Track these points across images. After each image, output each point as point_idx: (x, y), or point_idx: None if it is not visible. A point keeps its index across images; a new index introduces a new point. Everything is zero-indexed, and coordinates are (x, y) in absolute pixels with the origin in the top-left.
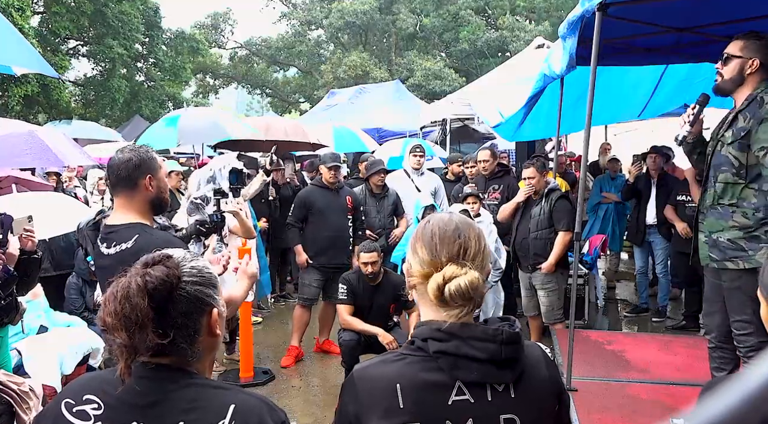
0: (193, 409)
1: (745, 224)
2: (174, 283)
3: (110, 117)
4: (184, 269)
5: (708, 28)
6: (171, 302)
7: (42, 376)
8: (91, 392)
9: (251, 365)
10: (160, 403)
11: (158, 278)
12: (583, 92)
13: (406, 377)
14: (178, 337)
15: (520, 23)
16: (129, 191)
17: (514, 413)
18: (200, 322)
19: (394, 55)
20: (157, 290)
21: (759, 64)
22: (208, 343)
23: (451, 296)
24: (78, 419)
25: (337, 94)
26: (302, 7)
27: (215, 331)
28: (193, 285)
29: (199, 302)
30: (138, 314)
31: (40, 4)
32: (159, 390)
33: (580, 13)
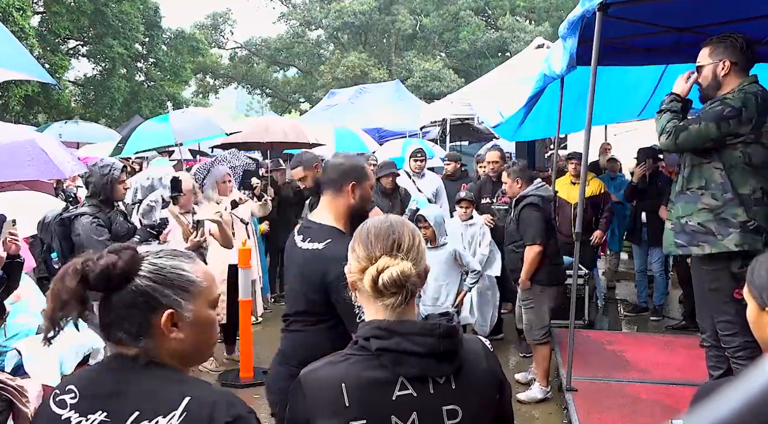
0: (149, 399)
1: (715, 205)
2: (113, 273)
3: (110, 117)
4: (143, 264)
5: (708, 28)
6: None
7: (42, 376)
8: (73, 383)
9: (251, 365)
10: (121, 393)
11: (99, 265)
12: (583, 92)
13: (351, 376)
14: (118, 327)
15: (520, 23)
16: (334, 194)
17: (456, 403)
18: (148, 318)
19: (394, 56)
20: (92, 275)
21: (730, 63)
22: (166, 343)
23: (384, 285)
24: (58, 407)
25: (337, 95)
26: (302, 8)
27: (167, 332)
28: (147, 281)
29: (149, 298)
30: (65, 293)
31: (40, 4)
32: (121, 381)
33: (581, 13)
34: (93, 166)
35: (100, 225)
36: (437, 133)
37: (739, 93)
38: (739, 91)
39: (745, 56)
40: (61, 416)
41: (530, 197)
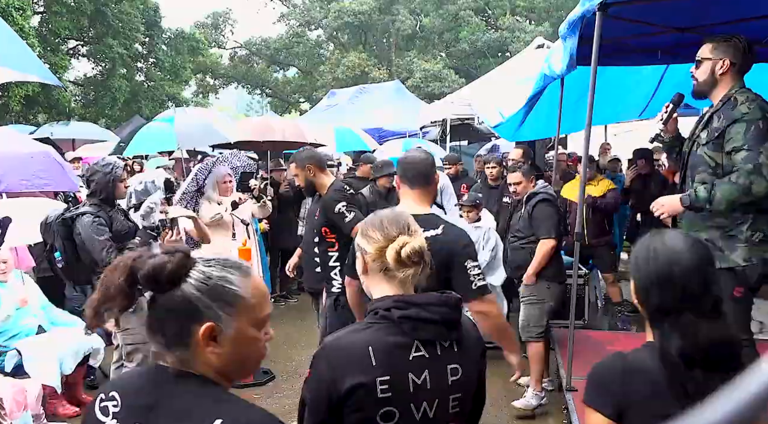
0: (182, 417)
1: (722, 223)
2: (161, 275)
3: (110, 117)
4: (193, 271)
5: (708, 28)
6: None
7: (42, 376)
8: (117, 389)
9: None
10: (157, 407)
11: (148, 264)
12: (583, 92)
13: (376, 340)
14: (157, 329)
15: (520, 23)
16: (425, 186)
17: (457, 363)
18: (189, 327)
19: (394, 56)
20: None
21: (729, 63)
22: (204, 355)
23: (408, 256)
24: (101, 414)
25: (338, 95)
26: (301, 8)
27: (204, 345)
28: (193, 288)
29: (191, 307)
30: (112, 287)
31: (40, 4)
32: (157, 392)
33: (581, 13)
34: (95, 165)
35: (101, 224)
36: (437, 133)
37: (749, 103)
38: (748, 102)
39: (745, 59)
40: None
41: (542, 194)
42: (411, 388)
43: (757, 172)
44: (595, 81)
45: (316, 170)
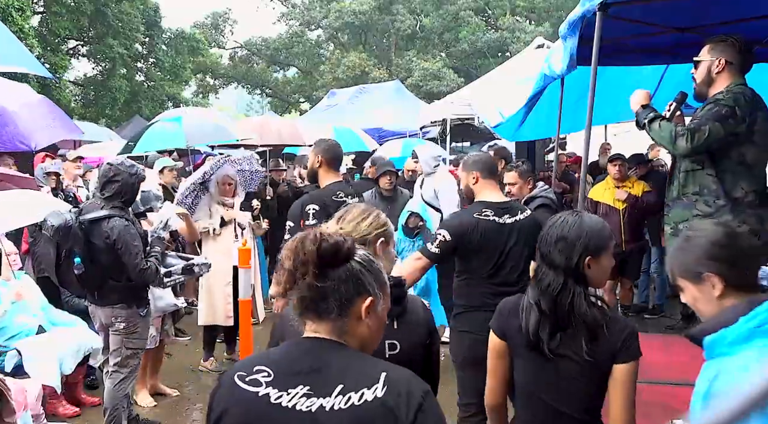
0: (349, 374)
1: (707, 211)
2: (340, 250)
3: (110, 117)
4: (359, 252)
5: (708, 28)
6: (332, 263)
7: (42, 376)
8: (261, 364)
9: None
10: (321, 369)
11: (333, 239)
12: (583, 92)
13: None
14: (331, 295)
15: (520, 24)
16: (495, 178)
17: (395, 339)
18: (354, 299)
19: (394, 56)
20: (326, 246)
21: (725, 62)
22: (358, 328)
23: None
24: (251, 386)
25: (338, 95)
26: (301, 8)
27: (364, 317)
28: (360, 265)
29: (359, 281)
30: (304, 253)
31: (40, 5)
32: (320, 358)
33: (581, 13)
34: (120, 166)
35: (132, 229)
36: (437, 134)
37: (728, 93)
38: (727, 92)
39: (741, 57)
40: (258, 393)
41: (541, 198)
42: None
43: (690, 133)
44: (595, 81)
45: (324, 164)
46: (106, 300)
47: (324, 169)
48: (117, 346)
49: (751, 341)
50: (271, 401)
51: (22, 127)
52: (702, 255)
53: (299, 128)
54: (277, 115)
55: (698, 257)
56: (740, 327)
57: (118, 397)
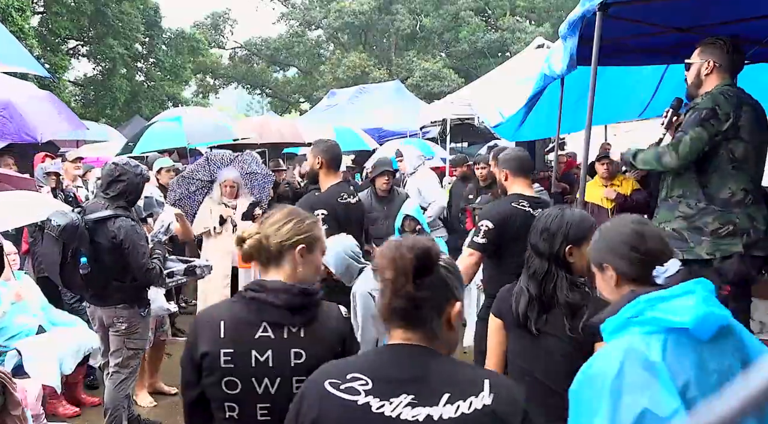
0: (453, 382)
1: (689, 213)
2: (432, 255)
3: (110, 117)
4: (441, 256)
5: (708, 29)
6: (427, 270)
7: (42, 376)
8: (354, 371)
9: None
10: (424, 377)
11: (423, 245)
12: (583, 92)
13: (229, 316)
14: (426, 303)
15: (520, 24)
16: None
17: (301, 348)
18: (444, 305)
19: (394, 56)
20: (420, 253)
21: (713, 64)
22: (447, 333)
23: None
24: (347, 394)
25: (338, 95)
26: (301, 8)
27: (453, 322)
28: (446, 271)
29: (447, 286)
30: (403, 261)
31: (40, 5)
32: (420, 366)
33: (581, 13)
34: (125, 166)
35: (139, 229)
36: (437, 134)
37: (706, 95)
38: (706, 94)
39: (729, 59)
40: (356, 402)
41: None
42: (253, 363)
43: (673, 147)
44: (595, 81)
45: (325, 165)
46: (109, 300)
47: (324, 170)
48: (118, 346)
49: (626, 330)
50: (373, 411)
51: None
52: (605, 247)
53: (299, 128)
54: (277, 115)
55: (602, 249)
56: (619, 317)
57: (119, 397)
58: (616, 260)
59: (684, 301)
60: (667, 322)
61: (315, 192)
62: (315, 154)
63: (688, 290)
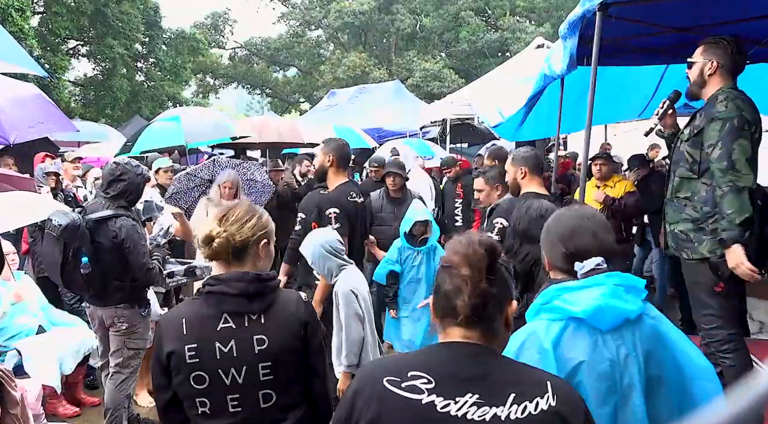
0: (517, 382)
1: (695, 217)
2: (497, 252)
3: (110, 117)
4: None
5: (708, 29)
6: (493, 266)
7: (42, 376)
8: (414, 370)
9: None
10: (488, 376)
11: (490, 241)
12: (583, 92)
13: (190, 313)
14: (493, 299)
15: (520, 24)
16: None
17: (264, 334)
18: (504, 303)
19: (394, 56)
20: (490, 248)
21: (717, 65)
22: (504, 331)
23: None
24: (410, 393)
25: (338, 95)
26: (301, 8)
27: (510, 322)
28: (503, 268)
29: (506, 284)
30: (478, 257)
31: (40, 5)
32: (482, 365)
33: (581, 13)
34: (127, 165)
35: (139, 229)
36: (437, 134)
37: (726, 102)
38: (725, 101)
39: (732, 59)
40: (421, 401)
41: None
42: (218, 355)
43: (732, 169)
44: (595, 81)
45: (335, 164)
46: (109, 300)
47: (334, 168)
48: (118, 346)
49: (538, 315)
50: (438, 410)
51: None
52: (545, 238)
53: (299, 128)
54: (277, 115)
55: (544, 239)
56: (535, 304)
57: (120, 397)
58: (550, 251)
59: (589, 293)
60: (567, 311)
61: (320, 190)
62: (326, 153)
63: (596, 283)
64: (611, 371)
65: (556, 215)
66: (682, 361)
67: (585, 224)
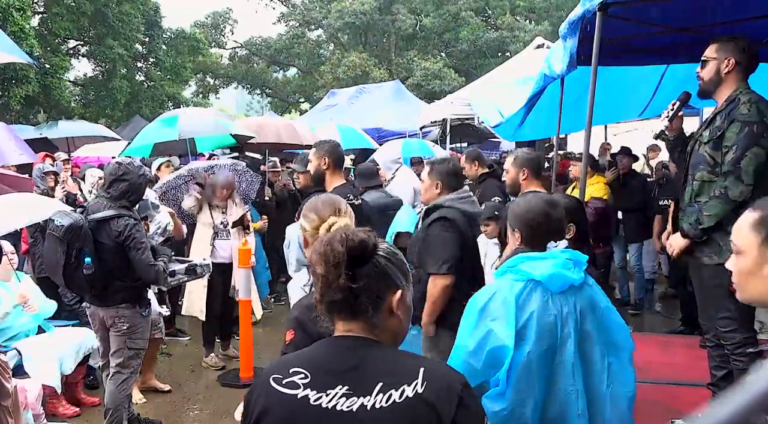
0: (388, 372)
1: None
2: (367, 247)
3: (110, 117)
4: (381, 245)
5: (709, 29)
6: (362, 261)
7: (42, 376)
8: (296, 366)
9: (251, 365)
10: (359, 368)
11: (357, 237)
12: (583, 92)
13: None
14: (363, 294)
15: (520, 23)
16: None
17: None
18: (385, 294)
19: (394, 55)
20: (353, 245)
21: (734, 62)
22: (389, 321)
23: None
24: (288, 389)
25: (337, 95)
26: (301, 8)
27: (396, 311)
28: (385, 260)
29: (385, 275)
30: (335, 255)
31: (40, 5)
32: (355, 356)
33: (581, 13)
34: (129, 165)
35: (140, 228)
36: (437, 134)
37: (749, 105)
38: (749, 104)
39: (748, 58)
40: (297, 396)
41: (445, 209)
42: None
43: (734, 177)
44: (595, 81)
45: (331, 165)
46: (110, 300)
47: (330, 170)
48: (119, 346)
49: (504, 275)
50: (311, 403)
51: None
52: (521, 216)
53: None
54: (277, 115)
55: (518, 217)
56: (503, 266)
57: (121, 398)
58: (524, 228)
59: (546, 262)
60: (528, 274)
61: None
62: (321, 155)
63: (551, 256)
64: (554, 323)
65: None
66: (606, 321)
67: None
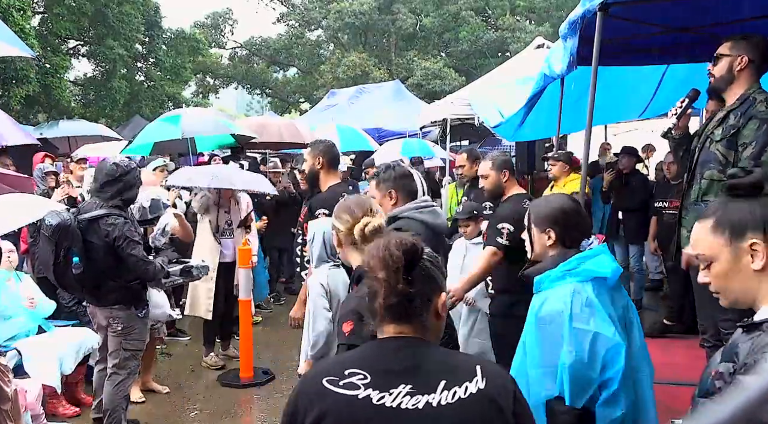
0: (448, 370)
1: None
2: (418, 250)
3: (110, 117)
4: (425, 250)
5: (709, 28)
6: (414, 265)
7: (42, 376)
8: (351, 367)
9: (251, 365)
10: (420, 366)
11: (409, 241)
12: (583, 92)
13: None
14: (417, 297)
15: (520, 23)
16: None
17: None
18: (432, 296)
19: (394, 55)
20: (407, 249)
21: (747, 60)
22: (436, 322)
23: (371, 232)
24: (347, 390)
25: (337, 95)
26: (301, 8)
27: (441, 312)
28: (430, 264)
29: (432, 278)
30: (393, 259)
31: (40, 5)
32: (414, 356)
33: (581, 13)
34: (126, 166)
35: (132, 227)
36: (437, 134)
37: (766, 103)
38: (765, 102)
39: (762, 57)
40: (357, 396)
41: (402, 221)
42: None
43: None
44: (595, 81)
45: (325, 164)
46: (104, 301)
47: (325, 170)
48: (115, 347)
49: (564, 279)
50: (374, 403)
51: None
52: (550, 214)
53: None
54: (277, 115)
55: (547, 215)
56: (559, 270)
57: (118, 398)
58: (558, 227)
59: (601, 259)
60: (594, 272)
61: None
62: (315, 155)
63: (600, 252)
64: (623, 315)
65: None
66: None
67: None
